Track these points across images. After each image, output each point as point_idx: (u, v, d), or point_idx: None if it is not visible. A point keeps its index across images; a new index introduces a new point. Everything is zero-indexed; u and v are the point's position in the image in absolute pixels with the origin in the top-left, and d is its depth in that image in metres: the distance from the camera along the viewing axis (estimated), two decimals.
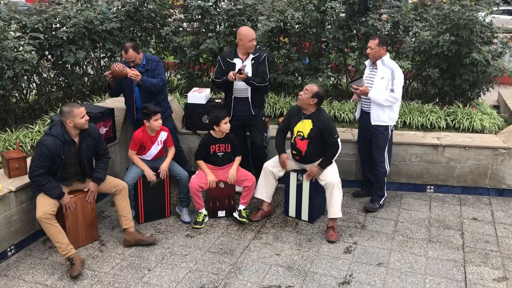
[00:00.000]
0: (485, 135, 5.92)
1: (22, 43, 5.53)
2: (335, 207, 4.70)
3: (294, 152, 4.93)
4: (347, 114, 6.31)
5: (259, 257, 4.40)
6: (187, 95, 6.02)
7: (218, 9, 7.15)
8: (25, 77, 5.93)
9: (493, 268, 4.27)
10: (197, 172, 5.03)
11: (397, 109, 5.14)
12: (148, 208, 4.96)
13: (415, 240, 4.71)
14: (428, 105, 6.44)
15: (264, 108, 5.54)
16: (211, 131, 5.00)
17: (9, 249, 4.31)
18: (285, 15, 6.69)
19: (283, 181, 5.14)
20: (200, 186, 4.88)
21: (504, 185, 5.61)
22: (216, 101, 5.86)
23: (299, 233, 4.83)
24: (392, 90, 4.92)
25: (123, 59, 5.04)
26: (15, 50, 5.39)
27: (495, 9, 6.65)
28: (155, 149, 4.90)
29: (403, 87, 5.31)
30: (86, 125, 4.20)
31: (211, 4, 6.92)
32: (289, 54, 6.81)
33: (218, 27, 7.15)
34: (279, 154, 4.96)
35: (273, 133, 5.72)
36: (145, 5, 7.14)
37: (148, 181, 4.84)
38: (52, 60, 6.46)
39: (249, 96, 5.21)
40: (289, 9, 6.79)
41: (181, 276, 4.10)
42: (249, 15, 6.93)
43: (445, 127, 6.13)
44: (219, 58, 5.38)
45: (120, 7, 7.18)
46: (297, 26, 6.79)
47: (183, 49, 7.04)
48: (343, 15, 6.81)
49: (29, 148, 5.17)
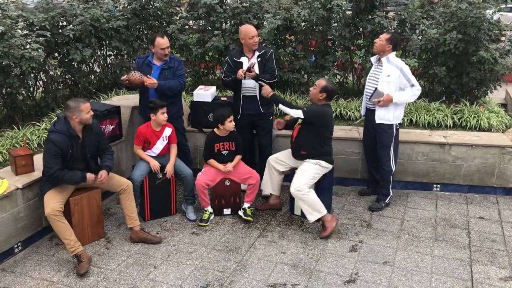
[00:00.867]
0: (492, 133, 5.88)
1: (29, 41, 5.55)
2: (306, 214, 4.70)
3: (291, 138, 4.97)
4: (353, 112, 6.29)
5: (264, 255, 4.40)
6: (193, 93, 6.03)
7: (224, 7, 7.15)
8: (32, 75, 5.96)
9: (500, 267, 4.24)
10: (203, 169, 5.04)
11: (403, 107, 5.13)
12: (154, 205, 4.97)
13: (421, 239, 4.69)
14: (434, 104, 6.40)
15: (272, 106, 5.52)
16: (215, 129, 5.00)
17: (16, 245, 4.34)
18: (291, 12, 6.68)
19: (288, 179, 5.13)
20: (206, 184, 4.88)
21: (511, 184, 5.57)
22: (222, 99, 5.87)
23: (304, 231, 4.83)
24: (413, 85, 4.95)
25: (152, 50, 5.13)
26: (22, 48, 5.41)
27: (503, 6, 6.60)
28: (160, 144, 4.92)
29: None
30: (90, 120, 4.24)
31: (217, 2, 6.91)
32: (295, 52, 6.79)
33: (224, 25, 7.15)
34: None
35: (278, 132, 5.73)
36: (151, 3, 7.15)
37: (154, 171, 4.84)
38: (59, 58, 6.48)
39: (257, 94, 5.21)
40: (295, 6, 6.78)
41: (187, 274, 4.10)
42: (255, 12, 6.92)
43: (451, 125, 6.10)
44: (227, 57, 5.39)
45: (126, 5, 7.20)
46: (303, 23, 6.77)
47: (189, 47, 7.05)
48: (349, 12, 6.78)
49: (36, 145, 5.19)
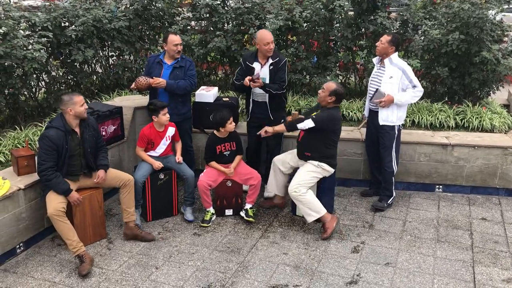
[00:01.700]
0: (494, 134, 5.87)
1: (31, 41, 5.56)
2: (304, 215, 4.72)
3: (297, 138, 4.97)
4: (355, 113, 6.28)
5: (266, 256, 4.40)
6: (195, 93, 6.02)
7: (226, 8, 7.15)
8: (34, 76, 5.96)
9: (503, 268, 4.23)
10: (205, 170, 5.04)
11: (405, 108, 5.13)
12: (155, 206, 4.97)
13: (424, 240, 4.68)
14: (437, 104, 6.39)
15: (284, 110, 5.51)
16: (215, 132, 5.00)
17: (18, 246, 4.34)
18: (293, 13, 6.67)
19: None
20: (209, 184, 4.88)
21: None
22: (224, 99, 5.86)
23: (306, 232, 4.82)
24: (415, 86, 4.94)
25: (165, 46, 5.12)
26: (25, 49, 5.42)
27: (505, 7, 6.58)
28: (163, 145, 4.93)
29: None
30: (85, 113, 4.23)
31: (219, 2, 6.91)
32: (297, 53, 6.79)
33: (226, 25, 7.15)
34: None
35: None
36: (154, 3, 7.15)
37: (156, 168, 4.84)
38: (61, 58, 6.49)
39: (267, 100, 5.20)
40: (297, 7, 6.77)
41: (188, 275, 4.10)
42: (257, 13, 6.91)
43: (454, 126, 6.08)
44: (241, 59, 5.38)
45: (128, 6, 7.20)
46: (305, 24, 6.77)
47: (191, 47, 7.05)
48: (351, 13, 6.77)
49: (38, 146, 5.19)
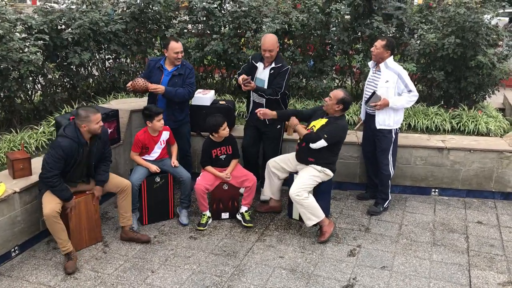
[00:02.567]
0: (490, 138, 5.89)
1: (27, 44, 5.55)
2: (304, 218, 4.69)
3: (299, 141, 4.92)
4: (351, 116, 6.29)
5: (262, 259, 4.39)
6: None
7: (222, 11, 7.16)
8: (30, 78, 5.95)
9: (498, 272, 4.24)
10: (201, 174, 5.03)
11: (402, 112, 5.14)
12: (152, 209, 4.96)
13: (420, 244, 4.69)
14: (433, 108, 6.41)
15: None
16: (211, 135, 5.00)
17: (13, 249, 4.32)
18: (289, 17, 6.68)
19: (287, 184, 5.12)
20: (206, 188, 4.88)
21: (509, 188, 5.58)
22: (221, 102, 5.86)
23: (302, 236, 4.82)
24: (410, 91, 4.95)
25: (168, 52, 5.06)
26: (21, 51, 5.41)
27: (500, 11, 6.62)
28: (158, 149, 4.92)
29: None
30: (99, 130, 4.22)
31: (216, 6, 6.92)
32: (293, 56, 6.80)
33: (222, 29, 7.16)
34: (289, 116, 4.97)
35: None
36: (150, 7, 7.16)
37: (153, 171, 4.83)
38: (57, 61, 6.48)
39: (263, 103, 5.17)
40: (293, 11, 6.79)
41: (184, 278, 4.09)
42: (254, 17, 6.93)
43: (450, 130, 6.10)
44: (250, 57, 5.39)
45: (125, 9, 7.20)
46: (301, 28, 6.79)
47: (187, 51, 7.05)
48: (348, 17, 6.80)
49: (34, 149, 5.18)
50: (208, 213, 4.99)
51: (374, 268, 4.27)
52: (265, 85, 5.10)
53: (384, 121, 5.03)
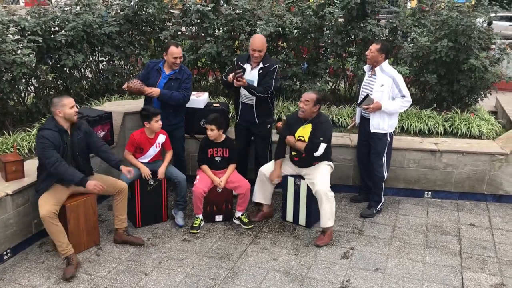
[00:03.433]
0: (482, 141, 5.93)
1: (20, 46, 5.53)
2: (324, 217, 4.68)
3: (294, 153, 4.92)
4: (345, 119, 6.31)
5: (256, 262, 4.39)
6: None
7: (216, 14, 7.16)
8: (23, 80, 5.93)
9: (491, 274, 4.26)
10: (199, 177, 5.01)
11: (397, 116, 5.16)
12: (145, 212, 4.94)
13: (413, 246, 4.71)
14: (426, 111, 6.44)
15: (271, 117, 5.47)
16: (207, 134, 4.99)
17: (5, 252, 4.29)
18: (283, 20, 6.70)
19: (280, 186, 5.13)
20: (204, 191, 4.87)
21: (501, 191, 5.62)
22: (214, 105, 5.86)
23: (296, 238, 4.82)
24: (404, 96, 4.96)
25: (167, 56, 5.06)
26: (13, 53, 5.39)
27: (492, 15, 6.67)
28: (153, 151, 4.90)
29: None
30: (75, 116, 4.20)
31: (210, 8, 6.93)
32: (287, 59, 6.82)
33: (217, 31, 7.17)
34: (276, 160, 4.97)
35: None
36: (144, 9, 7.15)
37: (144, 178, 4.81)
38: (51, 63, 6.45)
39: (253, 103, 5.19)
40: (287, 14, 6.81)
41: (178, 281, 4.08)
42: (248, 19, 6.94)
43: (443, 132, 6.13)
44: (234, 59, 5.40)
45: (119, 11, 7.19)
46: (295, 31, 6.80)
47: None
48: (341, 20, 6.83)
49: (27, 151, 5.15)
50: (201, 216, 4.98)
51: (368, 271, 4.28)
52: (255, 85, 5.11)
53: (378, 124, 5.05)
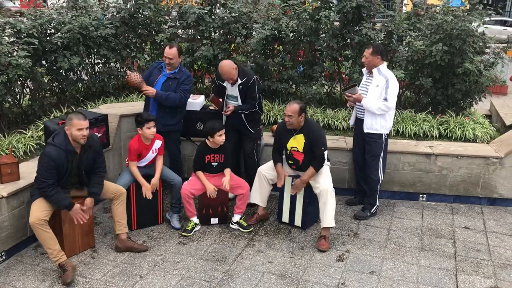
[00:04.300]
0: (477, 144, 5.96)
1: (16, 48, 5.51)
2: (328, 217, 4.69)
3: (291, 162, 4.95)
4: (340, 122, 6.33)
5: (251, 264, 4.39)
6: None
7: (213, 17, 7.18)
8: (19, 82, 5.91)
9: (485, 277, 4.28)
10: (190, 179, 5.02)
11: (390, 118, 5.16)
12: (140, 215, 4.94)
13: (408, 249, 4.72)
14: (421, 114, 6.47)
15: (260, 121, 5.57)
16: (207, 140, 4.99)
17: (0, 255, 4.29)
18: (279, 23, 6.72)
19: (277, 189, 5.13)
20: (191, 193, 4.86)
21: (496, 194, 5.65)
22: (211, 108, 5.87)
23: (292, 241, 4.83)
24: (386, 99, 4.94)
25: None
26: (9, 55, 5.38)
27: (487, 19, 6.72)
28: (149, 156, 4.90)
29: (397, 96, 5.34)
30: (82, 140, 4.07)
31: (206, 11, 6.94)
32: (283, 62, 6.84)
33: (213, 34, 7.18)
34: (275, 164, 5.00)
35: (266, 140, 5.75)
36: (140, 11, 7.15)
37: (144, 197, 4.82)
38: (46, 65, 6.45)
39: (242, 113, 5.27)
40: (283, 17, 6.83)
41: (173, 284, 4.08)
42: (244, 23, 6.96)
43: (437, 136, 6.16)
44: (214, 77, 5.51)
45: (115, 14, 7.19)
46: (291, 34, 6.83)
47: None
48: (337, 23, 6.85)
49: (22, 153, 5.14)
50: (195, 219, 4.97)
51: (363, 273, 4.29)
52: (238, 99, 5.25)
53: (371, 125, 5.07)
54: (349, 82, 6.60)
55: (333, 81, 7.24)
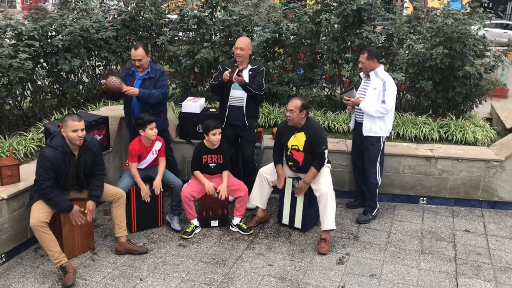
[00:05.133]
0: (477, 147, 5.96)
1: (17, 50, 5.52)
2: (329, 219, 4.69)
3: (291, 164, 4.94)
4: (341, 125, 6.33)
5: (251, 267, 4.39)
6: (182, 104, 6.03)
7: (213, 19, 7.19)
8: (20, 85, 5.92)
9: (485, 280, 4.28)
10: (189, 181, 5.03)
11: (390, 121, 5.16)
12: (141, 217, 4.94)
13: (408, 252, 4.72)
14: (421, 117, 6.47)
15: (258, 119, 5.55)
16: (204, 140, 4.99)
17: (0, 257, 4.28)
18: (280, 26, 6.73)
19: (277, 191, 5.14)
20: (192, 195, 4.86)
21: (496, 197, 5.64)
22: (211, 110, 5.88)
23: (292, 244, 4.83)
24: (384, 102, 4.96)
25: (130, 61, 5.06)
26: (10, 58, 5.38)
27: (487, 22, 6.72)
28: (150, 158, 4.90)
29: (397, 98, 5.35)
30: (77, 141, 4.07)
31: (207, 14, 6.96)
32: (283, 65, 6.85)
33: (213, 37, 7.19)
34: (276, 165, 5.00)
35: (267, 142, 5.75)
36: (141, 14, 7.17)
37: (143, 200, 4.83)
38: (47, 67, 6.46)
39: (244, 105, 5.22)
40: (284, 20, 6.84)
41: (173, 286, 4.07)
42: (244, 25, 6.97)
43: (438, 139, 6.16)
44: (219, 66, 5.45)
45: (116, 16, 7.20)
46: (292, 37, 6.83)
47: (178, 58, 7.07)
48: (337, 25, 6.86)
49: (22, 155, 5.14)
50: (195, 221, 4.97)
51: (363, 276, 4.29)
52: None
53: (370, 128, 5.07)
54: (349, 85, 6.61)
55: (333, 84, 7.24)
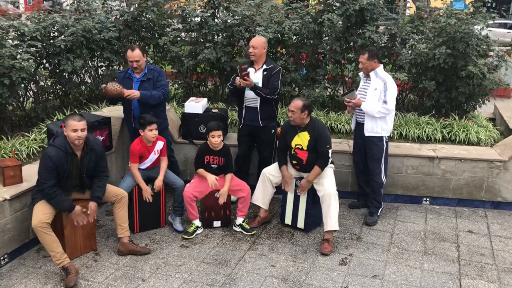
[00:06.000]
0: (481, 147, 5.94)
1: (19, 51, 5.53)
2: (332, 220, 4.68)
3: (295, 162, 4.93)
4: (343, 125, 6.32)
5: (254, 268, 4.38)
6: (184, 104, 6.03)
7: (216, 20, 7.19)
8: (22, 85, 5.93)
9: (489, 281, 4.26)
10: (192, 181, 5.02)
11: (391, 120, 5.16)
12: (143, 217, 4.94)
13: (411, 252, 4.70)
14: (424, 117, 6.46)
15: (275, 120, 5.42)
16: (208, 141, 4.99)
17: (2, 258, 4.28)
18: (282, 26, 6.73)
19: (280, 192, 5.12)
20: (194, 195, 4.86)
21: (499, 197, 5.62)
22: (213, 110, 5.88)
23: (294, 244, 4.81)
24: (385, 102, 4.95)
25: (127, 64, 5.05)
26: (13, 58, 5.39)
27: (490, 22, 6.70)
28: (152, 158, 4.90)
29: (399, 99, 5.34)
30: (76, 141, 4.06)
31: (209, 14, 6.95)
32: (286, 65, 6.83)
33: (216, 37, 7.18)
34: (280, 167, 4.98)
35: None
36: (144, 14, 7.17)
37: (145, 199, 4.83)
38: (50, 68, 6.47)
39: (258, 106, 5.18)
40: (286, 20, 6.83)
41: (176, 287, 4.07)
42: (247, 26, 6.96)
43: (441, 139, 6.14)
44: (238, 66, 5.40)
45: (118, 17, 7.21)
46: (294, 37, 6.83)
47: (180, 59, 7.07)
48: (340, 23, 6.84)
49: (25, 156, 5.15)
50: (197, 222, 4.96)
51: (366, 277, 4.27)
52: (260, 85, 5.11)
53: (372, 128, 5.06)
54: (351, 86, 6.60)
55: (336, 84, 7.23)
